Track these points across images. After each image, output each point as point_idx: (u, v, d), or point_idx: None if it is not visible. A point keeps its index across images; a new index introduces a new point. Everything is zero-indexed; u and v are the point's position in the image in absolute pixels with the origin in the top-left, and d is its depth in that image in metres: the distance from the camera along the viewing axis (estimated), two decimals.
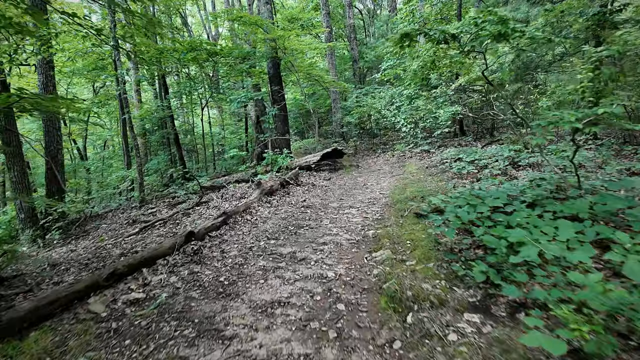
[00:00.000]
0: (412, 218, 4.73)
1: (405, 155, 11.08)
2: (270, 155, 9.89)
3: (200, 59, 11.88)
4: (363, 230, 4.77)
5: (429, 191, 6.11)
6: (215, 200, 7.56)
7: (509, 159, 6.86)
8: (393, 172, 9.31)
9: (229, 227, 5.08)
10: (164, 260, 3.96)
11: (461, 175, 6.99)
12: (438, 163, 8.85)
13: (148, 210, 9.00)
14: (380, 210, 5.70)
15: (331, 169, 10.00)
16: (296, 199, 6.88)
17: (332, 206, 6.21)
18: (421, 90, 13.68)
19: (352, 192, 7.32)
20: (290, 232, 4.86)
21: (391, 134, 17.01)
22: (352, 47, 20.55)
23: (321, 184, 8.24)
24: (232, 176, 10.40)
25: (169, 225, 6.58)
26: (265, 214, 5.83)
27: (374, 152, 13.29)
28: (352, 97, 17.48)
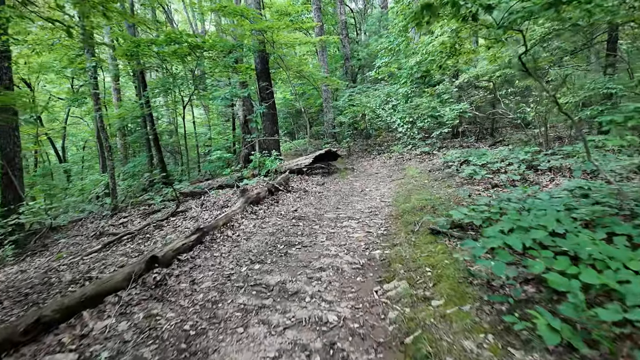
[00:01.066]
0: (426, 235, 3.92)
1: (403, 158, 10.32)
2: (258, 158, 9.01)
3: (181, 52, 10.93)
4: (367, 249, 3.94)
5: (438, 200, 5.32)
6: (194, 209, 6.65)
7: (525, 162, 6.12)
8: (392, 176, 8.52)
9: (205, 247, 4.19)
10: (115, 297, 3.06)
11: (472, 181, 6.23)
12: (442, 166, 8.10)
13: (120, 220, 8.02)
14: (384, 222, 4.88)
15: (324, 173, 9.17)
16: (286, 208, 6.02)
17: (328, 217, 5.37)
18: (421, 87, 12.97)
19: (349, 200, 6.49)
20: (280, 253, 4.00)
21: (385, 134, 16.27)
22: (344, 45, 19.79)
23: (314, 190, 7.40)
24: (216, 180, 9.47)
25: (137, 240, 5.65)
26: (249, 228, 4.95)
27: (369, 154, 12.51)
28: (344, 96, 16.71)
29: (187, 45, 10.46)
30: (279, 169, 8.57)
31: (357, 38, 23.49)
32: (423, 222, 4.37)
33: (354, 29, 25.59)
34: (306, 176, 8.86)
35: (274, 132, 11.44)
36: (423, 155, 9.90)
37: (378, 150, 12.59)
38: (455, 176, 6.86)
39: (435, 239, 3.75)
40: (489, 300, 2.45)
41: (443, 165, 8.16)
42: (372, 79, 18.89)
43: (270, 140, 11.20)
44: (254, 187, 7.26)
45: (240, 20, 10.59)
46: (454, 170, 7.13)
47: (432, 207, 4.98)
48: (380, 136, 15.91)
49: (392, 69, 14.79)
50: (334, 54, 24.80)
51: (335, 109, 17.98)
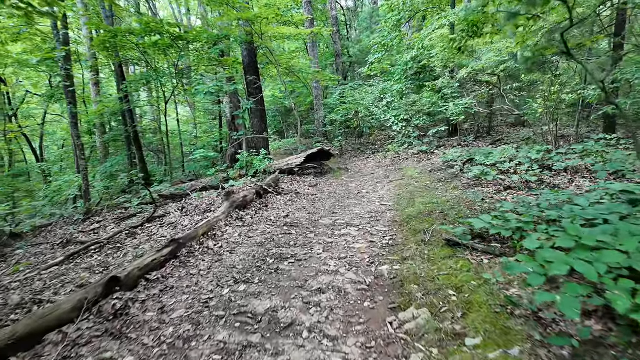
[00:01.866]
0: (441, 247, 3.36)
1: (399, 157, 9.79)
2: (245, 157, 8.35)
3: (162, 44, 10.18)
4: (373, 264, 3.35)
5: (447, 203, 4.78)
6: (173, 214, 5.97)
7: (536, 162, 5.63)
8: (389, 176, 7.97)
9: (180, 263, 3.54)
10: (59, 334, 2.40)
11: (479, 182, 5.71)
12: (443, 166, 7.58)
13: (92, 225, 7.26)
14: (388, 230, 4.31)
15: (317, 173, 8.56)
16: (277, 213, 5.39)
17: (324, 224, 4.77)
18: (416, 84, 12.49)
19: (346, 203, 5.90)
20: (269, 269, 3.38)
21: (378, 133, 15.76)
22: (335, 41, 19.22)
23: (307, 192, 6.79)
24: (200, 181, 8.77)
25: (106, 251, 4.95)
26: (234, 238, 4.31)
27: (363, 153, 11.96)
28: (336, 94, 16.15)
29: (168, 36, 9.73)
30: (268, 169, 7.93)
31: (347, 35, 22.94)
32: (435, 231, 3.80)
33: (344, 26, 25.05)
34: (297, 177, 8.24)
35: (262, 129, 10.79)
36: (420, 155, 9.39)
37: (372, 149, 12.05)
38: (459, 177, 6.35)
39: (454, 252, 3.19)
40: (542, 341, 1.88)
41: (444, 165, 7.65)
42: (365, 76, 18.39)
43: (258, 138, 10.55)
44: (241, 189, 6.61)
45: (227, 10, 9.92)
46: (457, 171, 6.62)
47: (442, 212, 4.43)
48: (372, 135, 15.40)
49: (384, 65, 14.29)
50: (324, 51, 24.23)
51: (326, 106, 17.41)
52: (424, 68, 12.90)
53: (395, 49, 14.08)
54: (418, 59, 12.18)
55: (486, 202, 4.53)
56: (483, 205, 4.35)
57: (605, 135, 6.42)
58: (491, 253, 2.97)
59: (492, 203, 4.45)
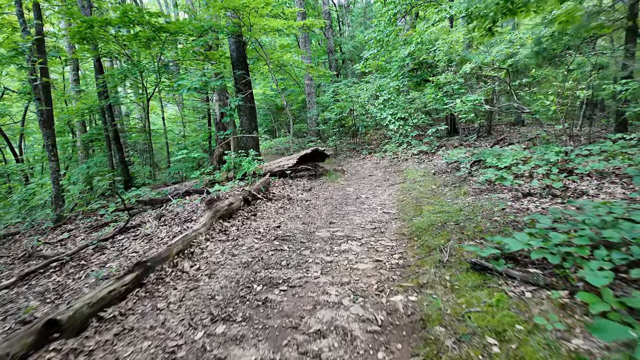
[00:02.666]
0: (466, 272, 2.76)
1: (398, 158, 9.22)
2: (233, 158, 7.68)
3: (143, 37, 9.44)
4: (382, 292, 2.75)
5: (460, 213, 4.20)
6: (150, 223, 5.28)
7: (554, 165, 5.09)
8: (389, 179, 7.38)
9: (146, 292, 2.88)
10: None
11: (493, 187, 5.15)
12: (447, 168, 7.03)
13: (61, 235, 6.53)
14: (396, 245, 3.71)
15: (311, 176, 7.93)
16: (266, 223, 4.75)
17: (321, 236, 4.15)
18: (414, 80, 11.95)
19: (344, 211, 5.29)
20: (256, 300, 2.75)
21: (373, 132, 15.19)
22: (327, 37, 18.61)
23: (300, 198, 6.15)
24: (184, 184, 8.08)
25: (67, 269, 4.26)
26: (216, 256, 3.66)
27: (358, 154, 11.36)
28: (329, 91, 15.53)
29: (149, 27, 8.99)
30: (258, 172, 7.28)
31: (340, 31, 22.32)
32: (453, 248, 3.22)
33: (337, 23, 24.43)
34: (290, 180, 7.60)
35: (252, 128, 10.11)
36: (421, 155, 8.83)
37: (368, 149, 11.46)
38: (468, 180, 5.78)
39: (482, 279, 2.60)
40: None
41: (448, 167, 7.09)
42: (359, 73, 17.80)
43: (247, 137, 9.88)
44: (227, 195, 5.95)
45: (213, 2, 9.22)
46: (465, 173, 6.05)
47: (457, 224, 3.85)
48: (367, 134, 14.81)
49: (380, 62, 13.71)
50: (316, 48, 23.61)
51: (319, 105, 16.79)
52: (421, 64, 12.37)
53: (391, 44, 13.52)
54: (416, 55, 11.64)
55: (507, 211, 3.96)
56: (505, 217, 3.77)
57: (623, 134, 5.92)
58: (533, 283, 2.38)
59: (514, 213, 3.88)
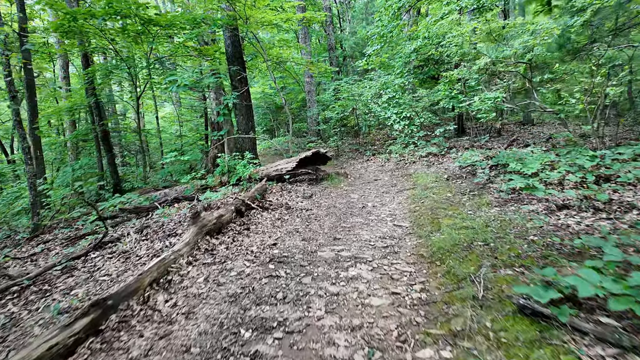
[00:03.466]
0: (512, 317, 2.15)
1: (405, 160, 8.59)
2: (227, 162, 7.07)
3: (132, 30, 8.81)
4: (406, 343, 2.13)
5: (487, 229, 3.58)
6: (130, 237, 4.66)
7: (586, 171, 4.47)
8: (397, 184, 6.77)
9: (104, 343, 2.26)
10: None
11: (518, 196, 4.53)
12: (461, 172, 6.41)
13: (35, 248, 5.90)
14: (415, 271, 3.10)
15: (312, 180, 7.31)
16: (261, 240, 4.13)
17: (324, 257, 3.54)
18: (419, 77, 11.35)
19: (349, 223, 4.68)
20: (243, 355, 2.13)
21: (376, 132, 14.57)
22: (328, 34, 17.96)
23: (300, 206, 5.53)
24: (174, 189, 7.47)
25: (27, 296, 3.64)
26: (197, 286, 3.04)
27: (361, 155, 10.74)
28: (330, 90, 14.91)
29: (138, 20, 8.37)
30: (254, 176, 6.66)
31: (341, 27, 21.65)
32: (487, 278, 2.61)
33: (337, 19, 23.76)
34: (289, 185, 6.98)
35: (248, 128, 9.49)
36: (429, 157, 8.21)
37: (371, 150, 10.84)
38: (488, 188, 5.16)
39: (537, 329, 1.99)
40: None
41: (462, 171, 6.47)
42: (361, 70, 17.17)
43: (244, 138, 9.26)
44: (218, 204, 5.33)
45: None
46: (484, 179, 5.43)
47: (486, 244, 3.24)
48: (369, 134, 14.18)
49: (383, 58, 13.09)
50: (316, 45, 22.98)
51: (320, 103, 16.17)
52: (427, 60, 11.76)
53: (395, 40, 12.90)
54: (422, 50, 11.02)
55: (544, 229, 3.34)
56: (544, 237, 3.16)
57: None
58: (614, 343, 1.77)
59: (553, 231, 3.26)
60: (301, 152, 7.48)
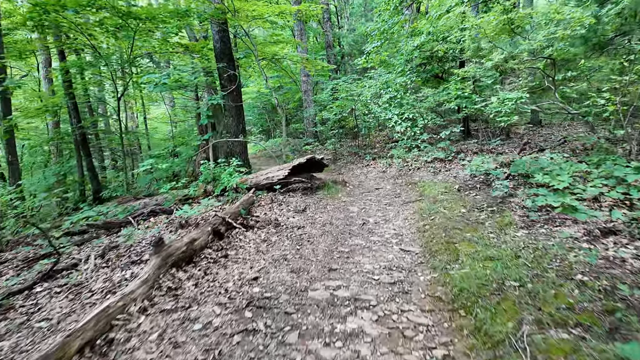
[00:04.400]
0: None
1: (408, 165, 7.88)
2: (211, 169, 6.35)
3: (110, 24, 8.08)
4: None
5: (516, 261, 2.88)
6: (89, 262, 3.93)
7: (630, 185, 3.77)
8: (401, 194, 6.06)
9: None
10: None
11: (547, 214, 3.83)
12: (473, 182, 5.70)
13: None
14: (432, 322, 2.39)
15: (306, 190, 6.59)
16: (240, 271, 3.40)
17: (316, 299, 2.82)
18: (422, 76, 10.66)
19: (348, 245, 3.96)
20: None
21: (376, 133, 13.85)
22: (325, 31, 17.23)
23: (291, 223, 4.81)
24: (155, 199, 6.75)
25: None
26: (147, 349, 2.30)
27: (360, 159, 10.02)
28: (327, 89, 14.20)
29: (115, 12, 7.63)
30: (241, 186, 5.94)
31: (339, 24, 20.91)
32: (533, 343, 1.90)
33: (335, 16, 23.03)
34: (280, 195, 6.25)
35: (238, 131, 8.76)
36: (435, 163, 7.50)
37: (371, 154, 10.13)
38: (508, 202, 4.46)
39: None
40: None
41: (473, 180, 5.77)
42: (360, 69, 16.44)
43: (233, 141, 8.53)
44: (195, 221, 4.61)
45: None
46: (503, 193, 4.72)
47: (521, 284, 2.53)
48: (369, 137, 13.46)
49: (383, 56, 12.37)
50: (313, 43, 22.25)
51: (317, 103, 15.46)
52: (430, 58, 11.05)
53: (396, 37, 12.21)
54: (425, 47, 10.32)
55: (593, 265, 2.63)
56: (599, 278, 2.45)
57: None
58: None
59: (607, 270, 2.56)
60: (295, 159, 6.75)
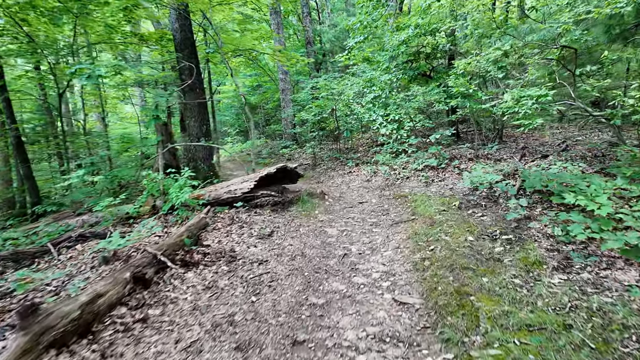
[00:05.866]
0: None
1: (396, 173, 6.91)
2: (158, 181, 5.18)
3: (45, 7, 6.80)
4: None
5: (567, 334, 1.90)
6: None
7: None
8: (389, 210, 5.06)
9: None
10: None
11: (584, 247, 2.90)
12: (476, 197, 4.75)
13: None
14: None
15: (276, 205, 5.50)
16: (156, 351, 2.29)
17: None
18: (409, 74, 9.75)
19: (321, 293, 2.91)
20: None
21: (359, 135, 12.88)
22: (305, 26, 16.18)
23: (250, 256, 3.71)
24: (94, 217, 5.53)
25: None
26: None
27: (342, 165, 9.00)
28: (307, 88, 13.16)
29: None
30: (191, 203, 4.80)
31: (320, 20, 19.87)
32: None
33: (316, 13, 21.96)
34: (243, 214, 5.13)
35: (201, 133, 7.60)
36: (427, 171, 6.55)
37: (354, 159, 9.12)
38: (526, 227, 3.51)
39: None
40: None
41: (475, 196, 4.82)
42: (342, 67, 15.45)
43: (196, 147, 7.36)
44: (123, 256, 3.46)
45: None
46: (516, 211, 3.77)
47: None
48: (351, 140, 12.46)
49: (366, 53, 11.42)
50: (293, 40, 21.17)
51: (296, 103, 14.38)
52: (418, 54, 10.18)
53: (380, 32, 11.30)
54: (412, 43, 9.44)
55: None
56: None
57: None
58: None
59: None
60: (265, 168, 5.63)
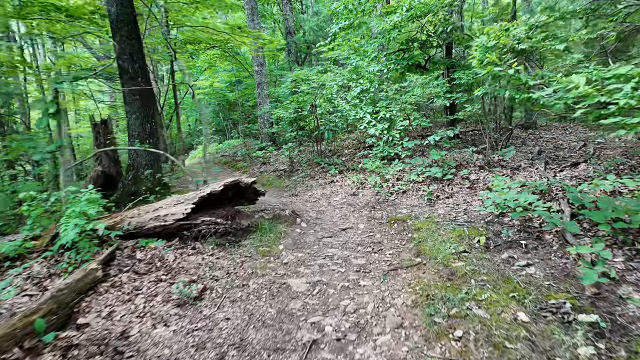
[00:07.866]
0: None
1: (389, 185, 5.47)
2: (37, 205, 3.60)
3: None
4: None
5: None
6: None
7: None
8: (383, 244, 3.61)
9: None
10: None
11: None
12: (507, 229, 3.34)
13: None
14: None
15: (225, 236, 3.99)
16: None
17: None
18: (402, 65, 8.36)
19: None
20: None
21: (344, 136, 11.42)
22: (285, 13, 14.62)
23: (149, 350, 2.20)
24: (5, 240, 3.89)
25: None
26: None
27: (323, 172, 7.52)
28: (287, 82, 11.61)
29: None
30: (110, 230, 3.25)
31: (303, 10, 18.31)
32: None
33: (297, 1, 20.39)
34: (171, 252, 3.58)
35: (146, 134, 6.00)
36: (429, 183, 5.13)
37: (337, 165, 7.64)
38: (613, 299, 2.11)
39: None
40: None
41: (508, 227, 3.41)
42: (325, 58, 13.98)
43: (138, 152, 5.76)
44: None
45: None
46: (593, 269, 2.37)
47: None
48: (335, 141, 10.97)
49: (352, 43, 9.94)
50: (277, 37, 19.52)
51: (275, 99, 12.85)
52: (411, 42, 8.80)
53: (367, 17, 9.85)
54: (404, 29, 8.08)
55: None
56: None
57: None
58: None
59: None
60: (208, 186, 4.07)
